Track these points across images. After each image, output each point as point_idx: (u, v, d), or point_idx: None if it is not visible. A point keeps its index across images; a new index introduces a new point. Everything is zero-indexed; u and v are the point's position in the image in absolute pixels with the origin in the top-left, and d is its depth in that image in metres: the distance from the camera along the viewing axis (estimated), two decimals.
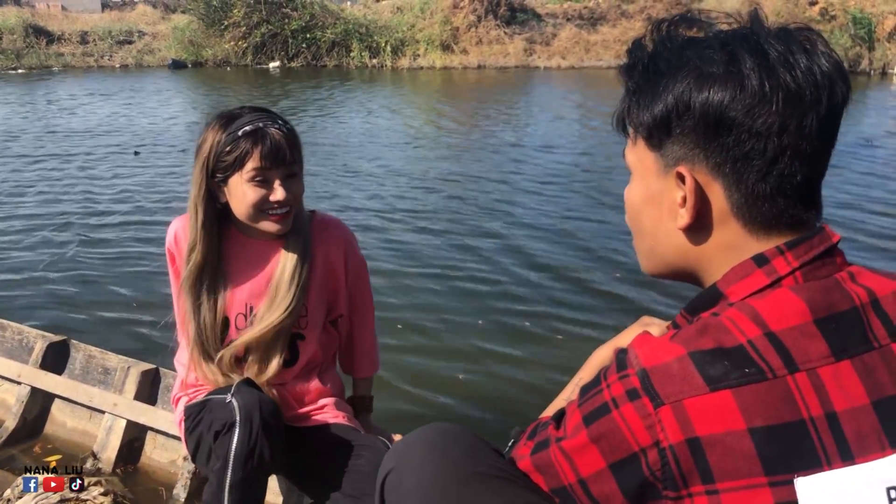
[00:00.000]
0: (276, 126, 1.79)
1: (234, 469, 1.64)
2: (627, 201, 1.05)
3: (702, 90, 0.89)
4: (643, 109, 0.96)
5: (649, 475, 0.85)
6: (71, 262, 5.14)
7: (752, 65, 0.88)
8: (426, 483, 1.07)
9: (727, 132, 0.89)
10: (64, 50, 23.69)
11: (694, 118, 0.90)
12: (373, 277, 2.16)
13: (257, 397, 1.70)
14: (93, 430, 2.72)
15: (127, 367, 2.71)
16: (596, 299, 4.44)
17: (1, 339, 3.03)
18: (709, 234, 0.95)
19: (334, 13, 24.61)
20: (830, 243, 0.92)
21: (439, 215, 6.36)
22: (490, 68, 22.58)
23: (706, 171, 0.92)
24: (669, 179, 0.96)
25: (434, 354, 3.74)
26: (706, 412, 0.81)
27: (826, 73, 0.89)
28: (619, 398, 0.87)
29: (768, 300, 0.87)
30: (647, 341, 0.89)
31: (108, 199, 6.97)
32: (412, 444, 1.14)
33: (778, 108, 0.87)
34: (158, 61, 23.37)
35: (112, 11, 30.47)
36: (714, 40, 0.93)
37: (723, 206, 0.93)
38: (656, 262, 1.04)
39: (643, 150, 0.99)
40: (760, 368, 0.81)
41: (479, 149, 9.66)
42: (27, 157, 8.99)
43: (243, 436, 1.64)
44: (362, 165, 8.54)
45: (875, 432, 0.81)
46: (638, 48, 0.99)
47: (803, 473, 0.79)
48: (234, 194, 1.80)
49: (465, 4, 24.51)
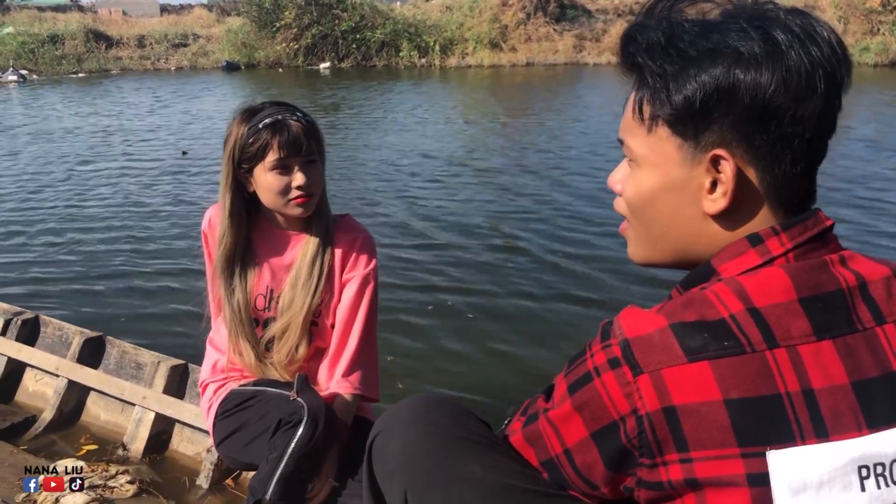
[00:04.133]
0: (294, 117, 1.89)
1: (288, 463, 1.72)
2: (633, 192, 1.00)
3: (747, 72, 0.86)
4: (673, 94, 0.90)
5: (626, 443, 0.87)
6: (114, 259, 5.31)
7: (788, 40, 0.86)
8: (410, 445, 1.11)
9: (773, 118, 0.87)
10: (122, 54, 24.43)
11: (741, 103, 0.87)
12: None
13: (323, 404, 1.79)
14: (124, 421, 2.82)
15: (157, 361, 2.81)
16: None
17: (42, 335, 3.17)
18: (738, 219, 0.93)
19: (384, 13, 24.84)
20: (824, 226, 0.92)
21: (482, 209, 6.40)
22: (539, 65, 22.48)
23: (743, 156, 0.90)
24: (697, 165, 0.92)
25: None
26: (683, 382, 0.82)
27: (839, 50, 0.89)
28: (601, 366, 0.88)
29: (757, 277, 0.88)
30: (633, 313, 0.90)
31: (152, 198, 7.16)
32: (399, 409, 1.18)
33: (822, 90, 0.87)
34: (212, 63, 23.91)
35: (170, 15, 31.26)
36: (738, 18, 0.90)
37: (756, 191, 0.92)
38: (662, 248, 1.01)
39: (665, 137, 0.94)
40: (739, 342, 0.83)
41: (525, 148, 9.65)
42: (80, 156, 9.30)
43: (306, 434, 1.73)
44: (404, 165, 8.63)
45: (852, 412, 0.82)
46: (647, 29, 0.93)
47: (776, 447, 0.80)
48: (259, 183, 1.90)
49: (515, 2, 24.50)
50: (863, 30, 22.88)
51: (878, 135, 10.25)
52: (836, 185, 7.01)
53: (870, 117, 11.61)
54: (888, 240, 5.54)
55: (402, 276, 4.81)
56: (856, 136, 9.80)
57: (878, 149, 9.23)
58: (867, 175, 7.68)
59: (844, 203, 6.44)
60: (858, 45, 22.35)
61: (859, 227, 5.80)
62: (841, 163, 8.01)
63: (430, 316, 4.22)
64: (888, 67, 21.42)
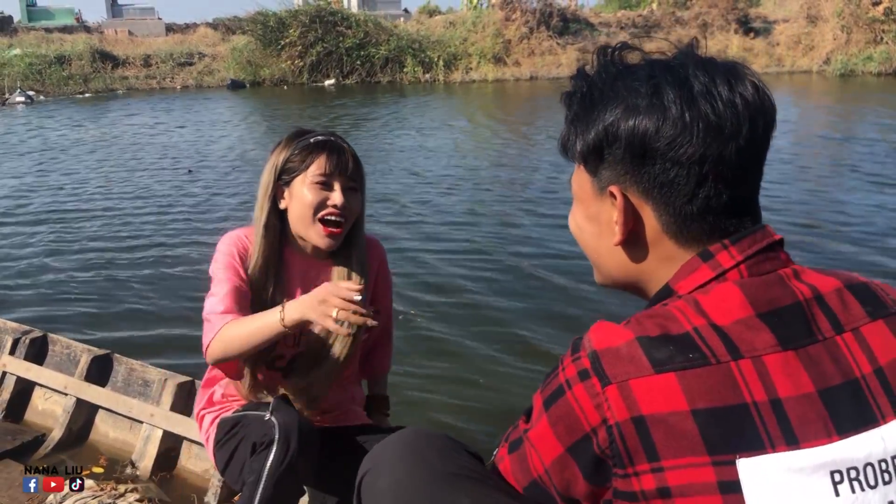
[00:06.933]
0: (345, 143, 1.93)
1: (266, 486, 1.69)
2: (571, 224, 1.12)
3: (628, 121, 0.95)
4: (579, 137, 1.01)
5: (600, 453, 0.88)
6: (119, 277, 5.34)
7: (674, 97, 0.93)
8: (399, 482, 1.11)
9: (652, 161, 0.94)
10: (128, 73, 24.63)
11: (621, 147, 0.96)
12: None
13: (296, 418, 1.75)
14: (132, 439, 2.83)
15: (164, 379, 2.81)
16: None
17: (50, 353, 3.18)
18: (645, 250, 1.00)
19: (388, 30, 25.00)
20: (772, 239, 0.96)
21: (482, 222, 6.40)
22: (542, 79, 22.55)
23: (637, 194, 0.97)
24: (605, 200, 1.01)
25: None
26: (651, 392, 0.85)
27: (750, 104, 0.93)
28: (571, 379, 0.91)
29: (711, 295, 0.91)
30: (602, 327, 0.93)
31: (157, 216, 7.20)
32: (388, 445, 1.18)
33: (698, 139, 0.92)
34: (217, 82, 24.07)
35: (175, 35, 31.49)
36: (642, 72, 0.98)
37: (654, 225, 0.98)
38: (604, 275, 1.10)
39: (582, 174, 1.04)
40: (704, 354, 0.86)
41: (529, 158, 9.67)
42: (85, 175, 9.38)
43: (279, 454, 1.69)
44: (416, 174, 8.65)
45: (821, 419, 0.84)
46: (580, 77, 1.03)
47: (745, 455, 0.82)
48: (294, 195, 1.87)
49: (517, 16, 24.62)
50: (866, 39, 22.90)
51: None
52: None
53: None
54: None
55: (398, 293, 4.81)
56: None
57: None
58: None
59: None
60: (862, 54, 22.38)
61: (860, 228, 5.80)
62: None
63: (426, 332, 4.22)
64: (892, 76, 21.42)
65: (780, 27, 25.79)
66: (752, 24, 26.19)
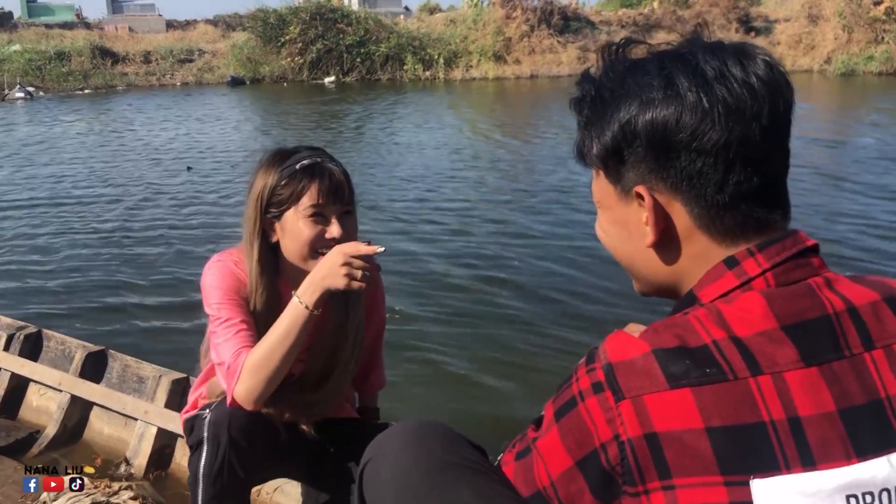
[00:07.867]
0: (333, 163, 1.77)
1: (206, 486, 1.67)
2: (599, 234, 1.07)
3: (645, 116, 0.92)
4: (595, 141, 0.98)
5: (609, 469, 0.86)
6: (116, 273, 5.32)
7: (689, 85, 0.90)
8: (402, 471, 1.10)
9: (676, 154, 0.91)
10: (128, 70, 24.55)
11: (642, 144, 0.93)
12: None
13: (228, 414, 1.68)
14: (127, 436, 2.81)
15: (159, 375, 2.80)
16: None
17: (45, 349, 3.17)
18: (678, 249, 0.96)
19: (388, 27, 24.96)
20: (804, 246, 0.92)
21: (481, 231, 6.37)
22: (543, 77, 22.52)
23: (664, 190, 0.94)
24: (630, 202, 0.97)
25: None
26: (665, 408, 0.82)
27: (766, 83, 0.91)
28: (585, 391, 0.88)
29: (734, 304, 0.88)
30: (618, 338, 0.90)
31: (156, 212, 7.19)
32: (391, 435, 1.17)
33: (721, 124, 0.89)
34: (217, 78, 24.01)
35: (175, 31, 31.43)
36: (652, 65, 0.95)
37: (686, 221, 0.94)
38: (642, 281, 1.05)
39: (603, 180, 1.01)
40: (722, 369, 0.82)
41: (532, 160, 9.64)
42: (84, 172, 9.34)
43: (210, 453, 1.66)
44: (413, 176, 8.62)
45: (840, 440, 0.81)
46: (586, 80, 1.01)
47: (760, 475, 0.80)
48: (287, 230, 1.75)
49: (518, 14, 24.59)
50: (867, 39, 22.88)
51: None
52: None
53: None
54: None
55: (397, 295, 4.77)
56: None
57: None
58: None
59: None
60: (863, 54, 22.36)
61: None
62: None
63: (428, 332, 4.20)
64: (893, 76, 21.39)
65: (780, 26, 25.80)
66: (752, 24, 26.19)
